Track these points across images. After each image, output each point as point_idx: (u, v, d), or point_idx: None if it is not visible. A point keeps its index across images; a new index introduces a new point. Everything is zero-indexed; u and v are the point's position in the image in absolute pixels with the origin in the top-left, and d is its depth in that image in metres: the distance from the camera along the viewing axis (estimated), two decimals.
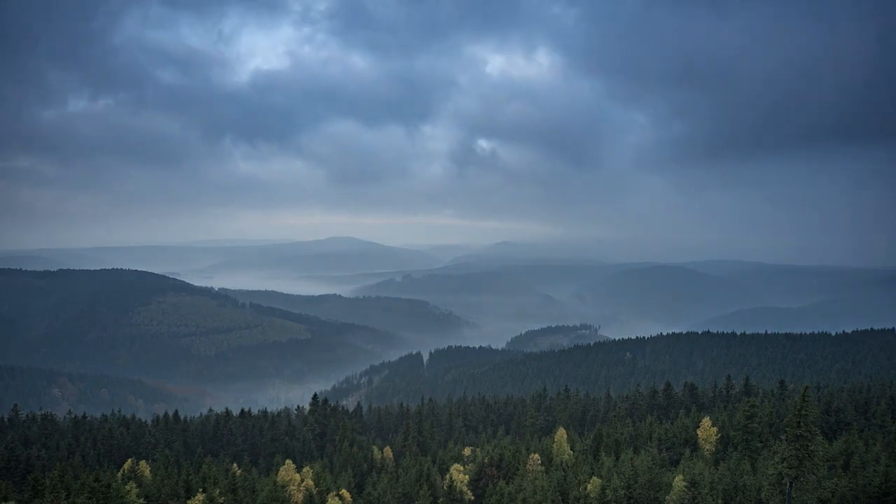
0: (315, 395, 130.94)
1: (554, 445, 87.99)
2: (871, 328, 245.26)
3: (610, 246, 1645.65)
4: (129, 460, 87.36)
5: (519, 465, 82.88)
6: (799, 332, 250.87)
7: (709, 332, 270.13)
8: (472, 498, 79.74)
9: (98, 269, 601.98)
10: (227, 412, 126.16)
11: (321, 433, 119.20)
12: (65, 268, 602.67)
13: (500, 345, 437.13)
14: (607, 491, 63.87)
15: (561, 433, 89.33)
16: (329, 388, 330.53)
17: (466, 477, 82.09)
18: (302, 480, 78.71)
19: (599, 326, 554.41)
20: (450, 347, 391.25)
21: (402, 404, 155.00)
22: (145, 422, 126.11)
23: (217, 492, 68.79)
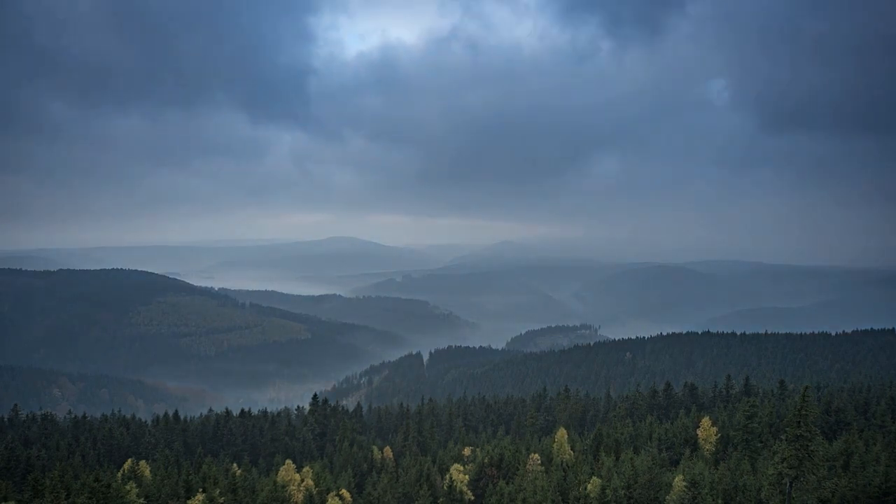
0: (315, 395, 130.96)
1: (554, 445, 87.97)
2: (871, 328, 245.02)
3: (610, 246, 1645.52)
4: (129, 460, 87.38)
5: (519, 465, 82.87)
6: (799, 332, 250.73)
7: (709, 332, 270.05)
8: (472, 498, 79.70)
9: (98, 269, 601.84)
10: (227, 412, 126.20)
11: (321, 433, 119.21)
12: (65, 268, 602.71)
13: (500, 345, 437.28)
14: (607, 491, 63.88)
15: (561, 433, 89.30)
16: (329, 388, 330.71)
17: (466, 477, 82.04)
18: (302, 480, 78.70)
19: (599, 326, 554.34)
20: (450, 347, 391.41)
21: (402, 404, 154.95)
22: (145, 422, 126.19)
23: (217, 492, 68.78)
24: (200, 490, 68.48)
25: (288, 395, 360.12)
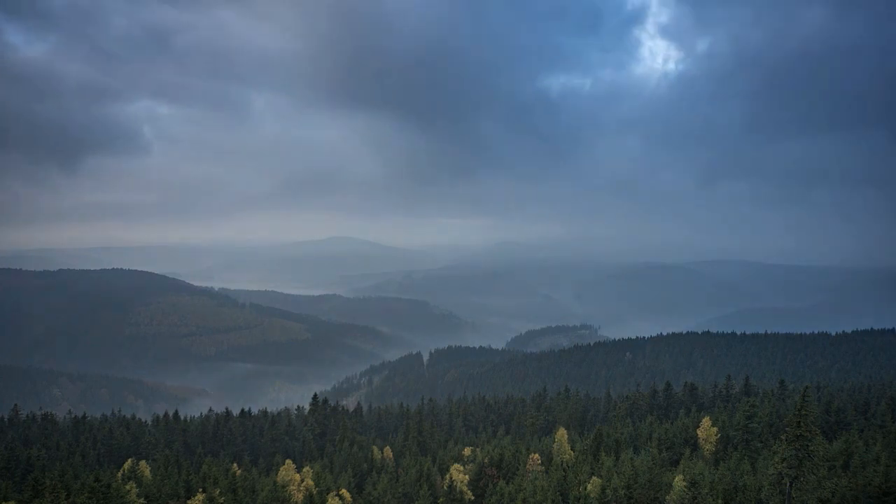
0: (315, 395, 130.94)
1: (554, 445, 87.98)
2: (871, 328, 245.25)
3: (610, 246, 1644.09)
4: (129, 460, 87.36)
5: (519, 465, 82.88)
6: (799, 332, 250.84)
7: (709, 332, 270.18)
8: (472, 498, 79.65)
9: (98, 269, 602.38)
10: (227, 412, 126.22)
11: (321, 433, 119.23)
12: (65, 268, 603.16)
13: (500, 345, 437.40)
14: (607, 491, 63.84)
15: (561, 433, 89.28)
16: (329, 388, 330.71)
17: (466, 477, 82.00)
18: (302, 480, 78.67)
19: (599, 326, 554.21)
20: (450, 347, 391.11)
21: (402, 404, 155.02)
22: (145, 422, 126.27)
23: (217, 492, 68.72)
24: (200, 490, 68.44)
25: (288, 395, 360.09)
